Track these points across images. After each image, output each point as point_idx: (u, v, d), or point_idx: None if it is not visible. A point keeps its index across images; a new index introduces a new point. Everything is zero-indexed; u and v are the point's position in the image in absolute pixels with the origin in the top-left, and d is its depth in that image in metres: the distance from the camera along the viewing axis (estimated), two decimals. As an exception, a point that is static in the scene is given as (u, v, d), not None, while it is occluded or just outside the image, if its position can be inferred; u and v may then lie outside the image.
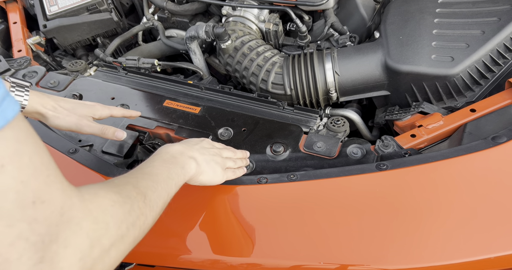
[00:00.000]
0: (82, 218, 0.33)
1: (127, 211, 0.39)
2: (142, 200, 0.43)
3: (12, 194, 0.28)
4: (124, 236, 0.38)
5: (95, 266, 0.34)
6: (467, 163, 0.59)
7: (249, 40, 0.96)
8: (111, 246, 0.36)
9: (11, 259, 0.28)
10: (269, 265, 0.55)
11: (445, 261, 0.51)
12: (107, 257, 0.35)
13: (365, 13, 0.98)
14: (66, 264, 0.31)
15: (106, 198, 0.38)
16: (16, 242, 0.28)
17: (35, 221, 0.29)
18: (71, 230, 0.32)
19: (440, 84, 0.78)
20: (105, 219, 0.36)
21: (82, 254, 0.32)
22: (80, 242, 0.32)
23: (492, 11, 0.80)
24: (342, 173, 0.61)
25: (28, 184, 0.29)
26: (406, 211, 0.56)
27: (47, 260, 0.29)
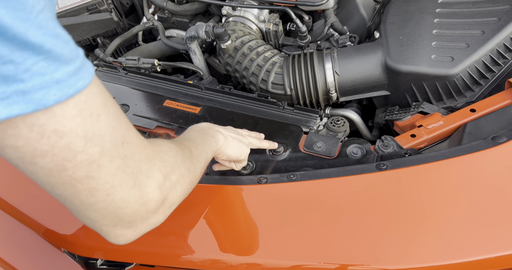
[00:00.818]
0: (153, 157, 0.41)
1: (181, 156, 0.47)
2: (189, 152, 0.50)
3: (108, 137, 0.35)
4: (184, 176, 0.46)
5: (168, 195, 0.42)
6: (467, 163, 0.59)
7: (249, 40, 0.96)
8: (176, 182, 0.44)
9: (115, 185, 0.36)
10: (269, 265, 0.55)
11: (445, 261, 0.51)
12: (175, 190, 0.44)
13: (365, 13, 0.98)
14: (150, 189, 0.39)
15: (165, 145, 0.46)
16: (117, 173, 0.36)
17: (126, 157, 0.37)
18: (149, 165, 0.40)
19: (440, 84, 0.78)
20: (168, 159, 0.44)
21: (159, 184, 0.41)
22: (156, 174, 0.40)
23: (492, 11, 0.80)
24: (342, 173, 0.61)
25: (116, 129, 0.36)
26: (406, 211, 0.56)
27: (137, 186, 0.38)
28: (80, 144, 0.32)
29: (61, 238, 0.61)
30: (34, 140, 0.30)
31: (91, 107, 0.33)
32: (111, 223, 0.39)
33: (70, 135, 0.31)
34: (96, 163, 0.34)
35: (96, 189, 0.35)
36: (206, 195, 0.62)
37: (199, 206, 0.61)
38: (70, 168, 0.33)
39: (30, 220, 0.64)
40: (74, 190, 0.34)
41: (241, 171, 0.69)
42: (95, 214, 0.37)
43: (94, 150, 0.33)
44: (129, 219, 0.39)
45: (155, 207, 0.40)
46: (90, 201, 0.36)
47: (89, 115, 0.33)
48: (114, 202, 0.37)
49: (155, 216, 0.41)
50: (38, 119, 0.29)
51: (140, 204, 0.38)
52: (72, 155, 0.32)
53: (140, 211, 0.39)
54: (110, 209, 0.37)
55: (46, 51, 0.28)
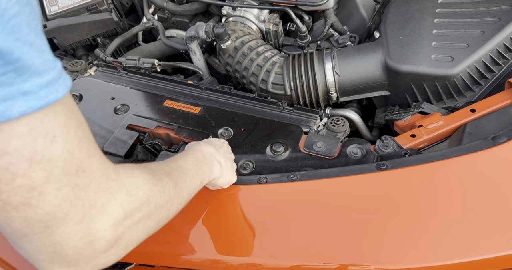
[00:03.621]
0: (116, 190, 0.37)
1: (158, 192, 0.42)
2: (173, 186, 0.46)
3: (61, 162, 0.31)
4: (151, 214, 0.41)
5: (124, 234, 0.38)
6: (467, 163, 0.59)
7: (249, 40, 0.96)
8: (139, 220, 0.39)
9: (58, 218, 0.32)
10: (269, 265, 0.55)
11: (445, 261, 0.51)
12: (135, 229, 0.39)
13: (365, 13, 0.98)
14: (101, 227, 0.35)
15: (141, 176, 0.41)
16: (62, 204, 0.32)
17: (78, 187, 0.33)
18: (107, 199, 0.35)
19: (440, 84, 0.78)
20: (138, 194, 0.39)
21: (115, 221, 0.36)
22: (114, 210, 0.36)
23: (492, 11, 0.80)
24: (342, 173, 0.61)
25: (74, 154, 0.32)
26: (406, 211, 0.56)
27: (85, 221, 0.34)
28: (23, 166, 0.29)
29: (61, 238, 0.61)
30: None
31: (47, 127, 0.29)
32: (48, 259, 0.34)
33: (13, 154, 0.28)
34: (38, 190, 0.30)
35: (33, 218, 0.31)
36: (206, 195, 0.62)
37: (199, 206, 0.61)
38: (5, 191, 0.29)
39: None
40: (6, 216, 0.30)
41: (241, 171, 0.69)
42: (30, 246, 0.33)
43: (39, 175, 0.30)
44: (69, 257, 0.34)
45: (104, 247, 0.36)
46: (24, 231, 0.32)
47: (42, 135, 0.29)
48: (52, 236, 0.32)
49: (104, 257, 0.36)
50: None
51: (85, 242, 0.34)
52: (10, 178, 0.28)
53: (85, 250, 0.34)
54: (47, 243, 0.33)
55: (15, 60, 0.26)
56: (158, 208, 0.42)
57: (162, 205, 0.43)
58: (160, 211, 0.43)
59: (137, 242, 0.41)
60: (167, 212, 0.45)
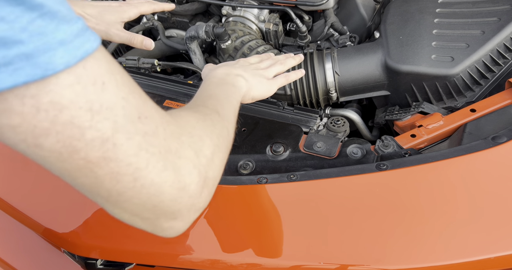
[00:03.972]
0: (180, 133, 0.35)
1: (210, 125, 0.42)
2: (217, 114, 0.45)
3: (120, 109, 0.29)
4: (218, 145, 0.41)
5: (208, 173, 0.37)
6: (467, 163, 0.59)
7: (249, 40, 0.96)
8: (212, 155, 0.39)
9: (141, 168, 0.31)
10: (269, 265, 0.55)
11: (445, 261, 0.51)
12: (213, 165, 0.39)
13: (365, 13, 0.98)
14: (185, 171, 0.34)
15: (189, 116, 0.40)
16: (139, 153, 0.30)
17: (147, 134, 0.31)
18: (177, 143, 0.34)
19: (440, 84, 0.78)
20: (197, 132, 0.38)
21: (193, 163, 0.35)
22: (188, 153, 0.35)
23: (492, 11, 0.80)
24: (342, 173, 0.61)
25: (129, 100, 0.30)
26: (406, 211, 0.56)
27: (169, 168, 0.32)
28: (85, 117, 0.27)
29: (60, 237, 0.61)
30: (30, 115, 0.26)
31: (93, 73, 0.28)
32: (153, 215, 0.34)
33: (71, 107, 0.26)
34: (111, 141, 0.29)
35: (119, 173, 0.30)
36: (206, 195, 0.62)
37: (199, 206, 0.61)
38: (81, 148, 0.28)
39: (29, 219, 0.64)
40: (95, 177, 0.30)
41: (241, 171, 0.69)
42: (129, 205, 0.32)
43: (105, 125, 0.28)
44: (170, 208, 0.34)
45: (197, 190, 0.35)
46: (117, 189, 0.31)
47: (91, 83, 0.27)
48: (145, 189, 0.31)
49: (201, 200, 0.36)
50: (28, 89, 0.25)
51: (177, 189, 0.33)
52: (79, 132, 0.27)
53: (181, 198, 0.34)
54: (144, 198, 0.32)
55: (39, 5, 0.24)
56: (219, 138, 0.42)
57: (220, 134, 0.43)
58: (223, 140, 0.43)
59: (219, 175, 0.41)
60: (228, 139, 0.45)
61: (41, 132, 0.26)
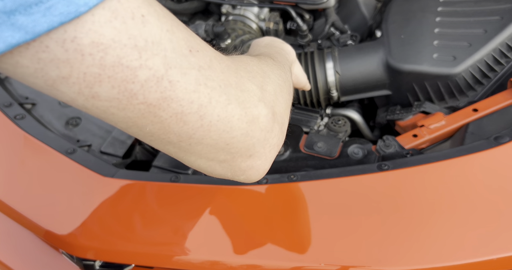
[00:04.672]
0: (236, 67, 0.33)
1: (265, 64, 0.40)
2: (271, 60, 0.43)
3: (167, 43, 0.27)
4: (279, 85, 0.39)
5: (274, 108, 0.35)
6: (470, 163, 0.58)
7: (249, 39, 0.95)
8: (274, 92, 0.37)
9: (204, 104, 0.29)
10: (269, 267, 0.54)
11: (447, 262, 0.51)
12: (278, 102, 0.37)
13: (366, 12, 0.97)
14: (250, 104, 0.32)
15: (243, 56, 0.38)
16: (198, 88, 0.28)
17: (202, 68, 0.29)
18: (235, 76, 0.32)
19: (442, 84, 0.77)
20: (253, 68, 0.36)
21: (257, 96, 0.33)
22: (249, 86, 0.33)
23: (495, 10, 0.79)
24: (343, 173, 0.61)
25: (175, 33, 0.28)
26: (408, 211, 0.55)
27: (232, 101, 0.31)
28: (133, 56, 0.25)
29: (59, 239, 0.61)
30: (76, 62, 0.24)
31: (129, 6, 0.25)
32: (228, 155, 0.32)
33: (115, 46, 0.24)
34: (166, 79, 0.27)
35: (183, 112, 0.28)
36: (205, 195, 0.61)
37: (199, 206, 0.61)
38: (138, 91, 0.26)
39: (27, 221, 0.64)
40: (160, 122, 0.28)
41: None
42: (202, 148, 0.31)
43: (155, 62, 0.26)
44: (244, 144, 0.32)
45: (267, 124, 0.33)
46: (186, 131, 0.29)
47: (130, 17, 0.25)
48: (214, 126, 0.30)
49: (274, 136, 0.34)
50: (66, 32, 0.23)
51: (247, 123, 0.32)
52: (131, 73, 0.25)
53: (252, 131, 0.32)
54: (214, 136, 0.30)
55: None
56: (279, 78, 0.40)
57: (280, 74, 0.40)
58: (284, 82, 0.40)
59: (287, 118, 0.39)
60: (288, 83, 0.42)
61: (93, 79, 0.25)
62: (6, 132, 0.74)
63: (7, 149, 0.72)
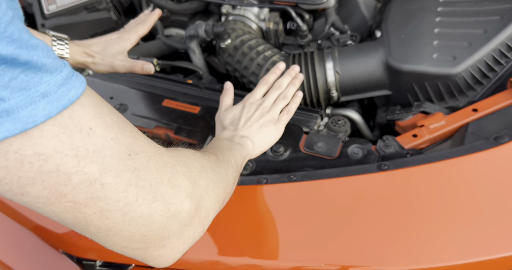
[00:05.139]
0: (174, 163, 0.36)
1: (207, 161, 0.43)
2: (215, 157, 0.46)
3: (108, 151, 0.30)
4: (214, 180, 0.42)
5: (200, 203, 0.37)
6: (469, 163, 0.58)
7: (249, 39, 0.95)
8: (206, 187, 0.39)
9: (131, 202, 0.31)
10: (269, 267, 0.54)
11: (447, 262, 0.51)
12: (207, 197, 0.39)
13: (366, 12, 0.97)
14: (176, 200, 0.35)
15: (186, 151, 0.42)
16: (128, 188, 0.31)
17: (137, 170, 0.32)
18: (170, 173, 0.35)
19: (442, 84, 0.77)
20: (192, 163, 0.40)
21: (187, 192, 0.36)
22: (181, 182, 0.36)
23: (494, 10, 0.79)
24: (343, 173, 0.61)
25: (118, 140, 0.31)
26: (408, 211, 0.55)
27: (159, 198, 0.33)
28: (71, 164, 0.27)
29: (59, 239, 0.61)
30: (14, 168, 0.26)
31: (79, 121, 0.28)
32: (142, 245, 0.34)
33: (55, 156, 0.27)
34: (99, 182, 0.29)
35: (108, 209, 0.30)
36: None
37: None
38: (68, 192, 0.28)
39: (28, 220, 0.64)
40: (83, 216, 0.30)
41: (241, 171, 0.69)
42: (119, 239, 0.33)
43: (92, 168, 0.29)
44: (159, 236, 0.34)
45: (187, 219, 0.35)
46: (106, 225, 0.31)
47: (77, 131, 0.28)
48: (134, 221, 0.32)
49: (191, 229, 0.36)
50: (11, 145, 0.25)
51: (167, 218, 0.34)
52: (65, 178, 0.27)
53: (170, 225, 0.34)
54: (133, 230, 0.32)
55: (23, 63, 0.24)
56: (216, 174, 0.43)
57: (218, 171, 0.43)
58: (220, 178, 0.43)
59: (214, 212, 0.41)
60: (226, 179, 0.45)
61: (26, 182, 0.27)
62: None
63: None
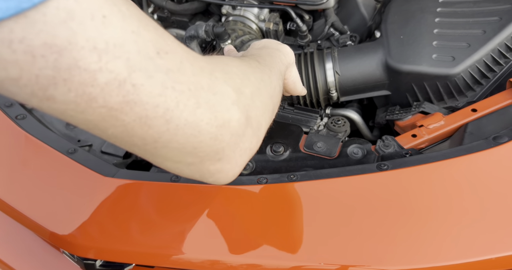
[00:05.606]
0: (212, 69, 0.32)
1: (247, 66, 0.38)
2: (256, 62, 0.41)
3: (132, 45, 0.25)
4: (259, 89, 0.37)
5: (249, 112, 0.34)
6: (469, 163, 0.59)
7: (249, 40, 0.96)
8: (252, 95, 0.35)
9: (171, 108, 0.28)
10: (269, 266, 0.54)
11: (446, 262, 0.51)
12: (254, 106, 0.35)
13: (365, 12, 0.98)
14: (222, 108, 0.31)
15: (223, 57, 0.37)
16: (165, 91, 0.27)
17: (171, 71, 0.28)
18: (209, 79, 0.31)
19: (441, 84, 0.78)
20: (232, 70, 0.35)
21: (231, 100, 0.32)
22: (223, 89, 0.32)
23: (493, 10, 0.80)
24: (342, 173, 0.61)
25: (141, 34, 0.26)
26: (407, 211, 0.55)
27: (202, 105, 0.29)
28: (92, 59, 0.23)
29: (59, 238, 0.61)
30: (26, 64, 0.22)
31: (88, 6, 0.23)
32: (196, 159, 0.31)
33: (71, 48, 0.23)
34: (129, 82, 0.25)
35: (147, 117, 0.27)
36: (206, 195, 0.62)
37: (199, 206, 0.61)
38: (98, 94, 0.24)
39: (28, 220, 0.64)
40: (123, 125, 0.27)
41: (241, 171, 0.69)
42: (168, 151, 0.30)
43: (117, 65, 0.24)
44: (212, 148, 0.31)
45: (239, 128, 0.32)
46: (151, 135, 0.28)
47: (88, 18, 0.23)
48: (181, 130, 0.29)
49: (245, 140, 0.33)
50: (12, 32, 0.21)
51: (216, 127, 0.30)
52: (90, 77, 0.24)
53: (222, 136, 0.31)
54: (182, 141, 0.29)
55: None
56: (260, 81, 0.38)
57: (262, 78, 0.39)
58: (265, 85, 0.39)
59: (265, 122, 0.37)
60: (271, 87, 0.40)
61: (47, 82, 0.23)
62: (7, 132, 0.74)
63: (8, 149, 0.72)
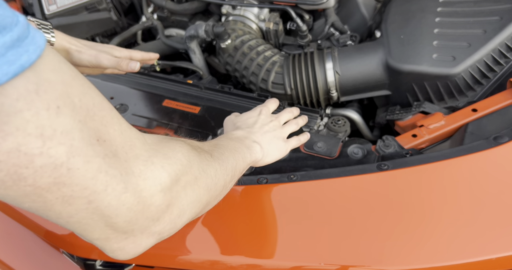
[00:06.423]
0: (149, 156, 0.33)
1: (196, 155, 0.39)
2: (207, 155, 0.42)
3: (77, 133, 0.27)
4: (197, 179, 0.38)
5: (174, 200, 0.34)
6: (469, 163, 0.58)
7: (249, 40, 0.95)
8: (186, 184, 0.36)
9: (99, 191, 0.29)
10: (269, 266, 0.54)
11: (446, 262, 0.51)
12: (184, 195, 0.36)
13: (366, 12, 0.97)
14: (148, 194, 0.32)
15: (176, 143, 0.38)
16: (97, 175, 0.28)
17: (107, 156, 0.29)
18: (143, 165, 0.32)
19: (442, 84, 0.77)
20: (176, 155, 0.36)
21: (162, 187, 0.33)
22: (157, 174, 0.33)
23: (494, 10, 0.80)
24: (342, 173, 0.61)
25: (87, 123, 0.28)
26: (407, 211, 0.55)
27: (130, 190, 0.31)
28: (35, 144, 0.24)
29: (59, 238, 0.61)
30: None
31: (46, 97, 0.25)
32: (103, 235, 0.32)
33: (17, 134, 0.23)
34: (65, 166, 0.26)
35: (72, 196, 0.28)
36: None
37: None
38: (29, 175, 0.25)
39: (28, 220, 0.64)
40: (43, 201, 0.27)
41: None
42: (81, 226, 0.30)
43: (59, 151, 0.26)
44: (123, 229, 0.32)
45: (156, 214, 0.33)
46: (68, 211, 0.29)
47: (44, 108, 0.24)
48: (99, 210, 0.29)
49: (158, 225, 0.34)
50: None
51: (135, 212, 0.31)
52: (27, 160, 0.24)
53: (136, 219, 0.32)
54: (96, 219, 0.30)
55: None
56: (202, 172, 0.38)
57: (205, 169, 0.39)
58: (206, 177, 0.39)
59: (190, 212, 0.37)
60: (214, 181, 0.41)
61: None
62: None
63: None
